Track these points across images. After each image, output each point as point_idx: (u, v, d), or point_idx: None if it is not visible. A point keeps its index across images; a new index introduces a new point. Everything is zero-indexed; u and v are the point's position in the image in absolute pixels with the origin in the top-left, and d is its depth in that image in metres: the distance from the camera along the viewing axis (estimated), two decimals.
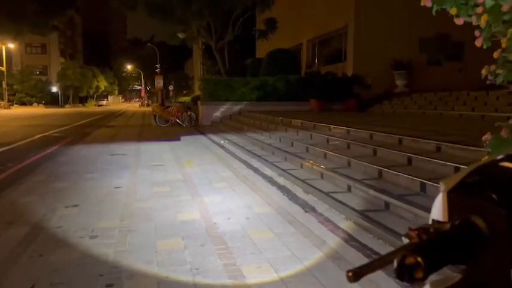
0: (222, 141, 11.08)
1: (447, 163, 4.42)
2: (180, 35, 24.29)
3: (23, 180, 6.17)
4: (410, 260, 0.54)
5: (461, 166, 4.08)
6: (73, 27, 74.14)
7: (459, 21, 2.64)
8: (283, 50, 19.96)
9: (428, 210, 0.69)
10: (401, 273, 0.54)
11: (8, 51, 47.08)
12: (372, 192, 4.53)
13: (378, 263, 0.57)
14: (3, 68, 45.18)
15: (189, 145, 10.60)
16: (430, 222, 0.67)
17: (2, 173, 6.95)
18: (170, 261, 3.15)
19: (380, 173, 5.00)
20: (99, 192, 5.44)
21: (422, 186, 4.18)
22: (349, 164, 5.80)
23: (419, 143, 5.61)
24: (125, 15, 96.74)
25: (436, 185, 3.75)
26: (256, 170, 6.97)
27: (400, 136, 6.14)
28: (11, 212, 4.51)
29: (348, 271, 0.56)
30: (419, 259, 0.53)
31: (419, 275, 0.53)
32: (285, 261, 3.15)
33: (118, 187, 5.74)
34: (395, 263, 0.55)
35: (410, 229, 0.61)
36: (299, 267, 3.03)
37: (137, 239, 3.66)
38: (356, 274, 0.56)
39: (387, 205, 4.23)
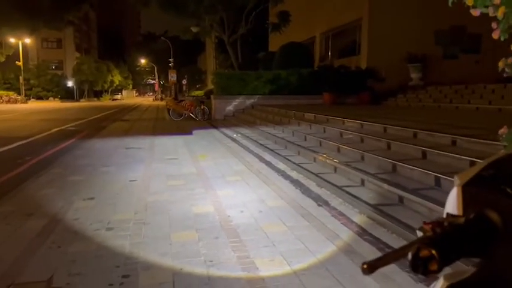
0: (235, 135, 11.12)
1: (462, 157, 4.37)
2: (193, 29, 24.33)
3: (41, 173, 6.29)
4: (424, 252, 0.55)
5: (477, 160, 4.04)
6: (88, 22, 74.82)
7: (475, 13, 2.60)
8: (296, 43, 19.85)
9: (443, 204, 0.70)
10: (416, 266, 0.55)
11: (24, 46, 47.76)
12: (385, 186, 4.51)
13: (392, 255, 0.58)
14: (20, 63, 45.87)
15: (203, 139, 10.66)
16: (444, 216, 0.67)
17: (20, 166, 7.10)
18: (185, 253, 3.20)
19: (394, 167, 4.97)
20: (115, 185, 5.52)
21: (437, 181, 4.14)
22: (362, 158, 5.78)
23: (434, 136, 5.55)
24: (138, 10, 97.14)
25: (451, 179, 3.72)
26: (269, 164, 6.98)
27: (414, 130, 6.08)
28: (30, 204, 4.61)
29: (363, 263, 0.57)
30: (433, 252, 0.54)
31: (434, 267, 0.54)
32: (298, 254, 3.17)
33: (133, 180, 5.82)
34: (409, 256, 0.56)
35: (424, 223, 0.62)
36: (312, 260, 3.04)
37: (152, 231, 3.72)
38: (371, 266, 0.57)
39: (401, 199, 4.21)
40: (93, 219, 4.04)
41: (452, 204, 0.68)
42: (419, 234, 0.61)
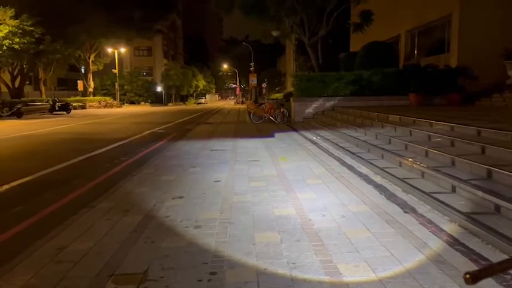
0: (315, 138, 11.06)
1: None
2: (274, 33, 24.63)
3: (134, 173, 6.82)
4: None
5: None
6: (175, 30, 79.40)
7: None
8: (379, 43, 19.19)
9: None
10: None
11: (119, 55, 51.92)
12: (480, 193, 4.20)
13: (497, 267, 0.57)
14: (116, 71, 50.04)
15: (282, 142, 10.76)
16: None
17: (118, 165, 7.77)
18: (268, 254, 3.27)
19: (489, 173, 4.61)
20: (201, 185, 5.81)
21: None
22: (453, 162, 5.43)
23: None
24: (221, 16, 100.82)
25: None
26: (350, 168, 6.86)
27: None
28: (126, 201, 5.02)
29: (466, 273, 0.57)
30: None
31: None
32: (383, 261, 3.09)
33: (218, 181, 6.07)
34: None
35: None
36: (398, 269, 2.95)
37: (236, 230, 3.86)
38: (474, 277, 0.56)
39: (498, 208, 3.90)
40: (182, 217, 4.30)
41: None
42: None
